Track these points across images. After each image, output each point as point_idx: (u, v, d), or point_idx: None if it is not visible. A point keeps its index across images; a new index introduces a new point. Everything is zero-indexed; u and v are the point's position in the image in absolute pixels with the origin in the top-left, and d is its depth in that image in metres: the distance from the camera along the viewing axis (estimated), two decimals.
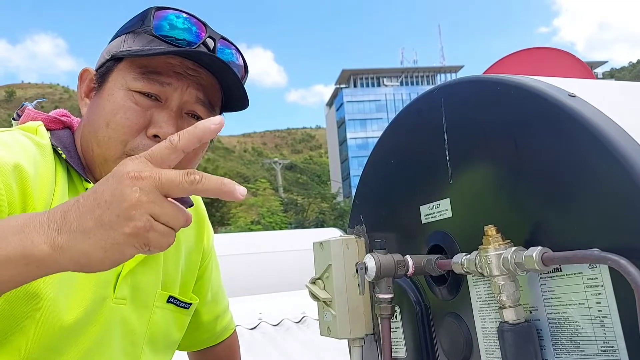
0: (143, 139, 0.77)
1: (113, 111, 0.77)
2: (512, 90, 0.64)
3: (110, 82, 0.80)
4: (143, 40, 0.79)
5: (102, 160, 0.79)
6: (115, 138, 0.77)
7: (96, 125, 0.78)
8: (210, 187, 0.51)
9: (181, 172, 0.51)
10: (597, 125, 0.54)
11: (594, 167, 0.54)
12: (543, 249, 0.57)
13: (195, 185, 0.50)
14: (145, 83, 0.77)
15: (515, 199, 0.63)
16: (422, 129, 0.79)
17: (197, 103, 0.81)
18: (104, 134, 0.77)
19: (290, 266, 2.92)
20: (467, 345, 0.72)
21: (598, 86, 0.71)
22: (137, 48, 0.78)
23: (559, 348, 0.59)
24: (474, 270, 0.64)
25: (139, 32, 0.79)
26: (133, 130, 0.77)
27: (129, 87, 0.78)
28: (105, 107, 0.78)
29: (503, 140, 0.64)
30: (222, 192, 0.51)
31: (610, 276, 0.53)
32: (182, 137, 0.53)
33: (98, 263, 0.51)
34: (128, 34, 0.81)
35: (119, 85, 0.78)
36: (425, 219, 0.79)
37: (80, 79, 0.84)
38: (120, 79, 0.79)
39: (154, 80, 0.78)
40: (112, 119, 0.77)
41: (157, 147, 0.53)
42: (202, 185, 0.51)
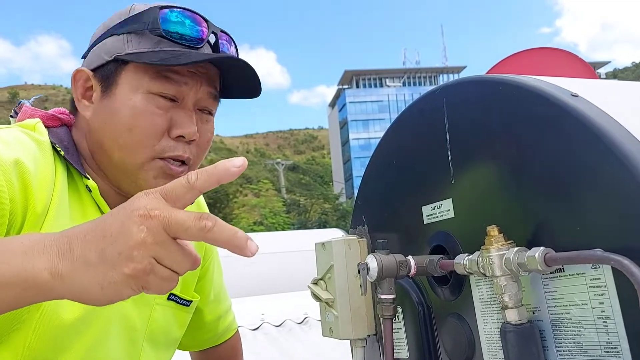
0: (168, 140, 0.79)
1: (135, 116, 0.77)
2: (514, 90, 0.63)
3: (122, 84, 0.78)
4: (149, 40, 0.78)
5: (124, 165, 0.78)
6: (141, 142, 0.77)
7: (115, 130, 0.78)
8: (220, 238, 0.48)
9: (193, 216, 0.48)
10: (600, 126, 0.54)
11: (597, 167, 0.54)
12: (545, 250, 0.57)
13: (204, 233, 0.48)
14: (163, 84, 0.77)
15: (517, 199, 0.63)
16: (424, 129, 0.79)
17: (209, 98, 0.83)
18: (126, 139, 0.77)
19: (292, 267, 2.92)
20: (469, 345, 0.72)
21: (601, 86, 0.70)
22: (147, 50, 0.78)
23: (561, 349, 0.59)
24: (476, 271, 0.64)
25: (144, 32, 0.78)
26: (158, 134, 0.78)
27: (147, 90, 0.77)
28: (124, 111, 0.77)
29: (505, 140, 0.64)
30: (232, 246, 0.48)
31: (613, 277, 0.53)
32: (200, 178, 0.50)
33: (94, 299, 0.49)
34: (130, 34, 0.79)
35: (134, 88, 0.77)
36: (427, 220, 0.79)
37: (74, 79, 0.83)
38: (133, 81, 0.78)
39: (171, 81, 0.78)
40: (135, 123, 0.77)
41: (173, 185, 0.51)
42: (213, 234, 0.48)
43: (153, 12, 0.79)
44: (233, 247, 0.48)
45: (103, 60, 0.80)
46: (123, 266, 0.47)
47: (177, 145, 0.79)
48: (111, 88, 0.79)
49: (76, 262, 0.48)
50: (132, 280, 0.48)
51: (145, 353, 0.89)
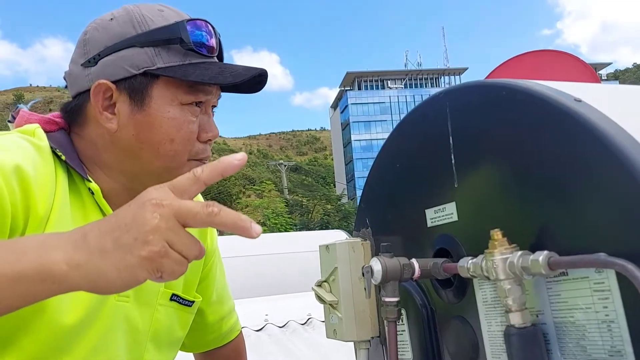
0: (199, 144, 0.84)
1: (176, 127, 0.81)
2: (518, 95, 0.64)
3: (157, 98, 0.80)
4: (178, 53, 0.81)
5: (164, 171, 0.82)
6: (182, 150, 0.82)
7: (155, 141, 0.81)
8: (227, 222, 0.52)
9: (200, 203, 0.53)
10: (604, 130, 0.54)
11: (600, 172, 0.54)
12: (549, 253, 0.57)
13: (212, 218, 0.52)
14: (196, 95, 0.82)
15: (521, 203, 0.63)
16: (428, 133, 0.79)
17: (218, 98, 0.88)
18: (169, 149, 0.81)
19: (296, 268, 2.93)
20: (473, 348, 0.72)
21: (604, 90, 0.71)
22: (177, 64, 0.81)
23: (565, 352, 0.59)
24: (480, 274, 0.64)
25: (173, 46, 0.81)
26: (194, 140, 0.83)
27: (181, 101, 0.81)
28: (164, 124, 0.80)
29: (509, 144, 0.65)
30: (238, 227, 0.52)
31: (617, 281, 0.53)
32: (205, 171, 0.55)
33: (110, 284, 0.51)
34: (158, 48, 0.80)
35: (169, 101, 0.81)
36: (431, 223, 0.79)
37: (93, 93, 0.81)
38: (168, 94, 0.81)
39: (200, 91, 0.82)
40: (177, 134, 0.81)
41: (180, 178, 0.55)
42: (220, 218, 0.52)
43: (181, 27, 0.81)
44: (238, 229, 0.52)
45: (129, 73, 0.79)
46: (140, 249, 0.50)
47: (206, 148, 0.85)
48: (145, 101, 0.80)
49: (92, 251, 0.51)
50: (148, 262, 0.51)
51: (149, 353, 0.89)
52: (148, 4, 0.85)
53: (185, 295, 0.97)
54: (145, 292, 0.88)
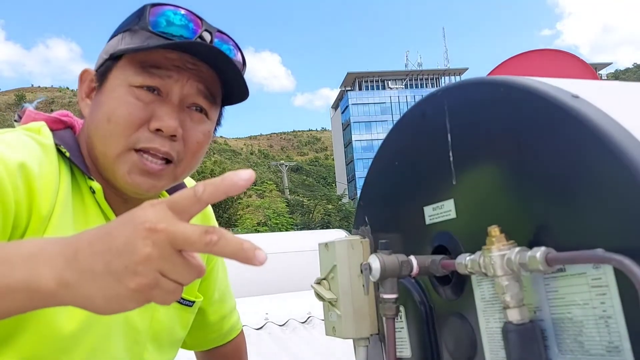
0: (145, 132, 0.77)
1: (114, 106, 0.77)
2: (515, 91, 0.64)
3: (111, 79, 0.79)
4: (141, 37, 0.79)
5: (103, 156, 0.79)
6: (117, 132, 0.76)
7: (97, 121, 0.79)
8: (227, 251, 0.47)
9: (199, 230, 0.47)
10: (601, 127, 0.54)
11: (598, 168, 0.54)
12: (547, 250, 0.57)
13: (210, 247, 0.47)
14: (145, 77, 0.77)
15: (518, 199, 0.63)
16: (426, 131, 0.79)
17: (199, 95, 0.81)
18: (105, 129, 0.77)
19: (296, 267, 2.93)
20: (471, 345, 0.72)
21: (602, 87, 0.71)
22: (135, 45, 0.78)
23: (563, 348, 0.59)
24: (478, 271, 0.64)
25: (136, 29, 0.79)
26: (135, 125, 0.77)
27: (129, 82, 0.78)
28: (107, 103, 0.78)
29: (506, 141, 0.65)
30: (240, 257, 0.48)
31: (614, 276, 0.53)
32: (206, 189, 0.49)
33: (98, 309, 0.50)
34: (125, 32, 0.81)
35: (119, 82, 0.78)
36: (429, 220, 0.79)
37: (80, 80, 0.84)
38: (120, 75, 0.79)
39: (154, 74, 0.77)
40: (113, 113, 0.77)
41: (180, 196, 0.50)
42: (218, 247, 0.47)
43: (144, 10, 0.80)
44: (240, 258, 0.48)
45: (102, 60, 0.82)
46: (129, 280, 0.47)
47: (154, 138, 0.77)
48: (103, 84, 0.81)
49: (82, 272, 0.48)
50: (137, 294, 0.48)
51: (149, 353, 0.89)
52: None
53: (187, 295, 0.96)
54: None
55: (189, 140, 0.80)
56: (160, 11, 0.79)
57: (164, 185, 0.81)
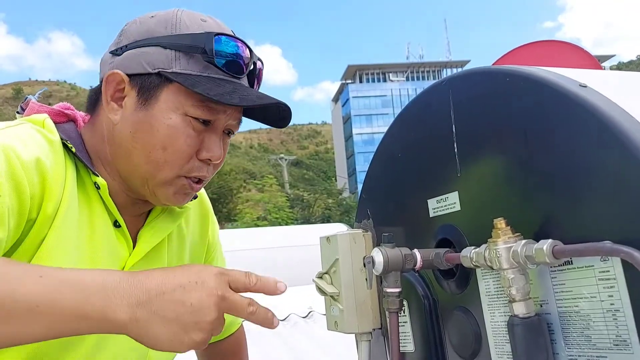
0: (195, 161, 0.81)
1: (172, 136, 0.78)
2: (522, 81, 0.63)
3: (163, 102, 0.78)
4: (198, 63, 0.78)
5: (149, 177, 0.80)
6: (173, 162, 0.79)
7: (148, 144, 0.78)
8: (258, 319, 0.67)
9: (246, 302, 0.65)
10: (610, 116, 0.53)
11: (606, 158, 0.53)
12: (554, 242, 0.56)
13: (250, 315, 0.66)
14: (204, 111, 0.79)
15: (525, 191, 0.62)
16: (430, 122, 0.78)
17: (237, 123, 0.85)
18: (159, 156, 0.78)
19: (296, 261, 2.93)
20: (476, 339, 0.71)
21: (609, 76, 0.70)
22: (194, 73, 0.78)
23: (570, 342, 0.58)
24: (483, 264, 0.63)
25: (194, 55, 0.78)
26: (189, 156, 0.79)
27: (186, 112, 0.78)
28: (161, 129, 0.78)
29: (512, 132, 0.64)
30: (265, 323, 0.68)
31: (622, 269, 0.52)
32: (257, 284, 0.67)
33: (158, 345, 0.62)
34: (179, 53, 0.78)
35: (174, 108, 0.78)
36: (433, 213, 0.78)
37: (106, 81, 0.81)
38: (175, 102, 0.78)
39: (212, 109, 0.79)
40: (171, 143, 0.78)
41: (238, 278, 0.66)
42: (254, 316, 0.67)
43: (208, 36, 0.78)
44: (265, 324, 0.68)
45: (144, 70, 0.79)
46: (196, 334, 0.62)
47: (202, 167, 0.82)
48: (150, 102, 0.78)
49: (153, 314, 0.60)
50: (195, 344, 0.62)
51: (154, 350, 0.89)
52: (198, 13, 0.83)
53: None
54: None
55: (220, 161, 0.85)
56: (223, 42, 0.80)
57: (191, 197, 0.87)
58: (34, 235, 0.70)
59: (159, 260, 0.89)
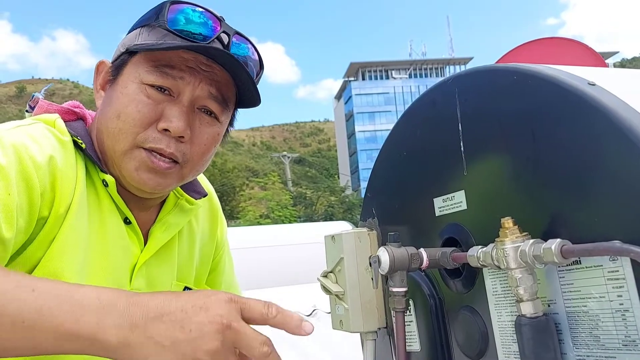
0: (153, 131, 0.77)
1: (125, 103, 0.77)
2: (530, 79, 0.62)
3: (124, 74, 0.80)
4: (157, 34, 0.78)
5: (111, 151, 0.79)
6: (126, 130, 0.77)
7: (108, 116, 0.79)
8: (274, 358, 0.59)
9: (259, 339, 0.57)
10: (619, 114, 0.52)
11: (616, 157, 0.52)
12: (562, 241, 0.55)
13: (264, 357, 0.57)
14: (157, 76, 0.77)
15: (532, 190, 0.62)
16: (436, 120, 0.78)
17: (210, 98, 0.81)
18: (114, 126, 0.77)
19: (300, 259, 2.92)
20: (482, 339, 0.71)
21: (617, 74, 0.69)
22: (151, 42, 0.78)
23: (578, 342, 0.58)
24: (490, 263, 0.63)
25: (154, 25, 0.79)
26: (144, 123, 0.77)
27: (142, 80, 0.77)
28: (118, 99, 0.78)
29: (520, 130, 0.63)
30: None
31: (632, 269, 0.52)
32: (277, 317, 0.61)
33: None
34: (143, 27, 0.80)
35: (132, 78, 0.78)
36: (439, 212, 0.78)
37: (96, 71, 0.84)
38: (134, 72, 0.79)
39: (167, 74, 0.77)
40: (123, 110, 0.77)
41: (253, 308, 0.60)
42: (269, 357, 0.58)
43: (163, 6, 0.79)
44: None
45: (119, 53, 0.82)
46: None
47: (161, 138, 0.77)
48: (117, 78, 0.81)
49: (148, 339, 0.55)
50: None
51: None
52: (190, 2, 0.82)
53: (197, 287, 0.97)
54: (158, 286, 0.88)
55: (197, 142, 0.80)
56: (179, 9, 0.79)
57: (169, 183, 0.81)
58: (45, 234, 0.71)
59: (170, 258, 0.89)
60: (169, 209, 0.90)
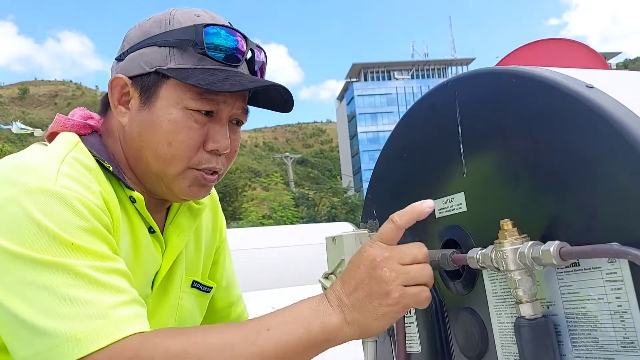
0: (203, 153, 0.81)
1: (175, 130, 0.79)
2: (528, 82, 0.62)
3: (163, 99, 0.80)
4: (192, 57, 0.79)
5: (160, 174, 0.82)
6: (179, 156, 0.80)
7: (154, 142, 0.80)
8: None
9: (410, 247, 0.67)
10: (617, 117, 0.53)
11: (613, 160, 0.53)
12: (561, 243, 0.56)
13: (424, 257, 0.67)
14: (204, 103, 0.80)
15: (531, 192, 0.62)
16: (436, 122, 0.78)
17: (243, 113, 0.86)
18: (165, 152, 0.80)
19: (302, 260, 2.93)
20: (482, 340, 0.71)
21: (616, 77, 0.69)
22: (189, 67, 0.79)
23: (577, 343, 0.58)
24: (490, 265, 0.63)
25: (187, 48, 0.79)
26: (195, 148, 0.80)
27: (186, 105, 0.79)
28: (164, 125, 0.79)
29: (519, 133, 0.63)
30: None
31: (630, 271, 0.52)
32: (402, 217, 0.67)
33: (373, 330, 0.66)
34: (172, 49, 0.80)
35: (174, 103, 0.79)
36: (439, 213, 0.78)
37: (110, 86, 0.84)
38: (174, 97, 0.79)
39: (212, 101, 0.80)
40: (175, 138, 0.79)
41: (384, 230, 0.68)
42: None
43: (197, 29, 0.79)
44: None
45: (143, 70, 0.81)
46: (386, 299, 0.64)
47: (211, 158, 0.82)
48: (151, 100, 0.80)
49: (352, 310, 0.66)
50: (395, 307, 0.65)
51: None
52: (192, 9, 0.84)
53: (204, 281, 1.00)
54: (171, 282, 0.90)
55: (231, 152, 0.86)
56: (214, 32, 0.80)
57: (210, 190, 0.88)
58: None
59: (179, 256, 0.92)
60: (176, 209, 0.92)
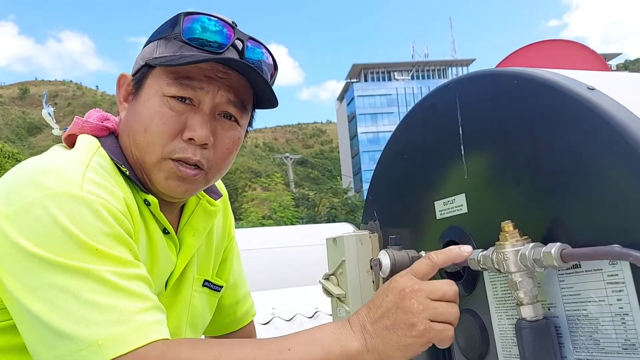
0: (179, 142, 0.80)
1: (150, 117, 0.79)
2: (529, 83, 0.62)
3: (146, 88, 0.82)
4: (174, 46, 0.80)
5: (141, 163, 0.82)
6: (153, 143, 0.79)
7: (134, 130, 0.81)
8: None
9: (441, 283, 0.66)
10: (618, 119, 0.53)
11: (614, 161, 0.53)
12: (562, 245, 0.56)
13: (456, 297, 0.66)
14: (178, 88, 0.79)
15: (532, 194, 0.62)
16: (437, 124, 0.78)
17: (229, 104, 0.83)
18: (142, 139, 0.80)
19: (302, 261, 2.92)
20: (483, 342, 0.71)
21: (617, 78, 0.69)
22: (168, 55, 0.80)
23: (578, 345, 0.58)
24: (491, 267, 0.63)
25: (170, 38, 0.81)
26: (170, 135, 0.80)
27: (163, 92, 0.80)
28: (142, 112, 0.80)
29: (520, 134, 0.63)
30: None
31: (631, 273, 0.52)
32: (439, 257, 0.67)
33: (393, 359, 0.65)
34: (160, 40, 0.82)
35: (153, 91, 0.80)
36: (440, 215, 0.78)
37: (118, 84, 0.86)
38: (154, 85, 0.81)
39: (187, 85, 0.79)
40: (150, 124, 0.79)
41: (419, 265, 0.67)
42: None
43: (178, 18, 0.81)
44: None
45: (139, 65, 0.84)
46: (410, 331, 0.64)
47: (187, 148, 0.80)
48: (139, 91, 0.83)
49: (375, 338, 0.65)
50: (418, 339, 0.64)
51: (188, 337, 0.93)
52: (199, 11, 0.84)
53: (215, 280, 1.00)
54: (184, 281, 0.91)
55: (219, 148, 0.83)
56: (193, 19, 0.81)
57: (196, 189, 0.85)
58: None
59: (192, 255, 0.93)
60: (191, 209, 0.92)
